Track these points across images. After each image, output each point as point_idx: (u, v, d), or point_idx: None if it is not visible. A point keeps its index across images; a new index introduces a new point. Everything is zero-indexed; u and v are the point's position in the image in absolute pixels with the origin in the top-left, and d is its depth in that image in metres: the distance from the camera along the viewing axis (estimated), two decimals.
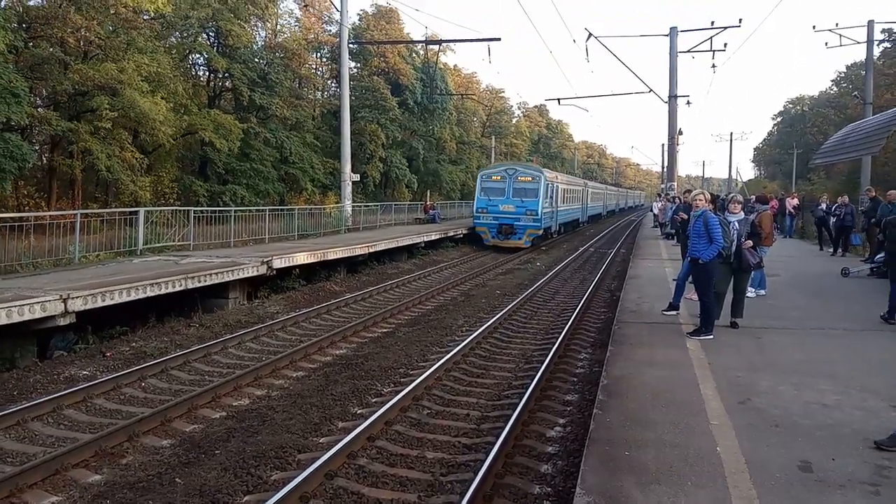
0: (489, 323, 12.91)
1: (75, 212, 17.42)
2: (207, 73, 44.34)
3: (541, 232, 30.52)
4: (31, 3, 31.21)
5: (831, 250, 20.93)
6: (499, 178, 30.64)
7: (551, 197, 32.67)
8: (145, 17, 34.42)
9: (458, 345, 11.17)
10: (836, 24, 28.72)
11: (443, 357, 10.30)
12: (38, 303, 9.85)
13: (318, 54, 55.98)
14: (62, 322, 10.22)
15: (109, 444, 6.95)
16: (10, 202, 29.09)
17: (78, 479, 6.29)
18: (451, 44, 53.58)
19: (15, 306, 9.51)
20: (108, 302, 11.03)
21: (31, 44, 29.64)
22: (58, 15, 29.09)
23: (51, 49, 30.07)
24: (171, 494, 5.95)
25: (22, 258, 13.78)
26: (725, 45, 29.93)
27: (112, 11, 31.14)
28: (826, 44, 29.30)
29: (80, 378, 9.47)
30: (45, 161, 34.45)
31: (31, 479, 6.08)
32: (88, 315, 10.86)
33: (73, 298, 10.33)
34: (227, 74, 41.64)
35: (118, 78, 28.92)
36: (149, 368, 9.72)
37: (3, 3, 29.30)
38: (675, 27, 28.95)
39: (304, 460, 6.67)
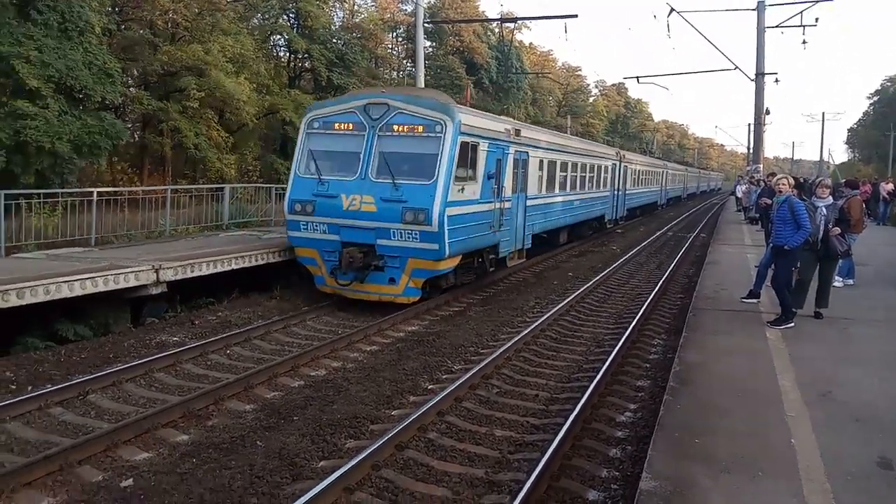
0: (561, 305, 12.88)
1: (166, 187, 18.37)
2: (288, 54, 45.36)
3: (451, 264, 12.42)
4: None
5: None
6: (348, 126, 12.58)
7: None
8: (229, 0, 35.47)
9: (528, 326, 11.22)
10: None
11: (513, 337, 10.38)
12: (133, 272, 10.49)
13: (394, 34, 56.30)
14: (154, 291, 10.85)
15: (196, 407, 7.39)
16: (105, 177, 30.73)
17: (167, 437, 6.74)
18: (527, 21, 52.98)
19: (111, 275, 10.16)
20: (197, 273, 11.64)
21: (123, 26, 31.13)
22: None
23: (141, 31, 31.49)
24: (253, 456, 6.30)
25: (117, 230, 14.68)
26: (817, 19, 28.02)
27: None
28: None
29: (170, 344, 10.04)
30: (137, 138, 36.17)
31: (125, 435, 6.55)
32: (178, 285, 11.47)
33: (164, 269, 10.94)
34: (306, 55, 42.47)
35: (204, 59, 30.02)
36: (233, 337, 10.22)
37: None
38: (763, 1, 27.57)
39: (377, 430, 6.92)
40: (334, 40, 44.75)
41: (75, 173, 22.25)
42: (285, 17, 42.40)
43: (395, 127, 11.94)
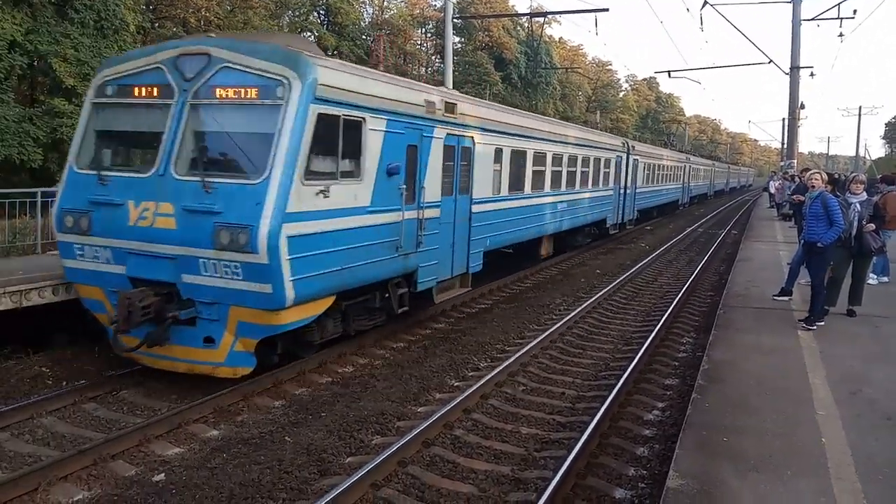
0: (588, 303, 12.81)
1: None
2: None
3: (304, 314, 7.92)
4: None
5: None
6: (150, 91, 8.04)
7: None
8: None
9: (555, 323, 11.19)
10: None
11: (540, 335, 10.37)
12: None
13: (423, 30, 56.39)
14: None
15: (226, 403, 7.52)
16: None
17: (198, 433, 6.87)
18: (557, 16, 52.45)
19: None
20: None
21: (157, 24, 31.71)
22: None
23: (174, 29, 32.03)
24: (281, 451, 6.40)
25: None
26: (855, 11, 27.28)
27: None
28: None
29: None
30: None
31: (158, 430, 6.71)
32: None
33: None
34: (336, 52, 42.82)
35: None
36: None
37: None
38: None
39: (403, 427, 6.98)
40: (364, 36, 45.00)
41: None
42: (315, 13, 42.75)
43: (218, 91, 7.58)
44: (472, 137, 11.67)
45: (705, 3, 26.56)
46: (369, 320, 9.65)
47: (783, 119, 48.68)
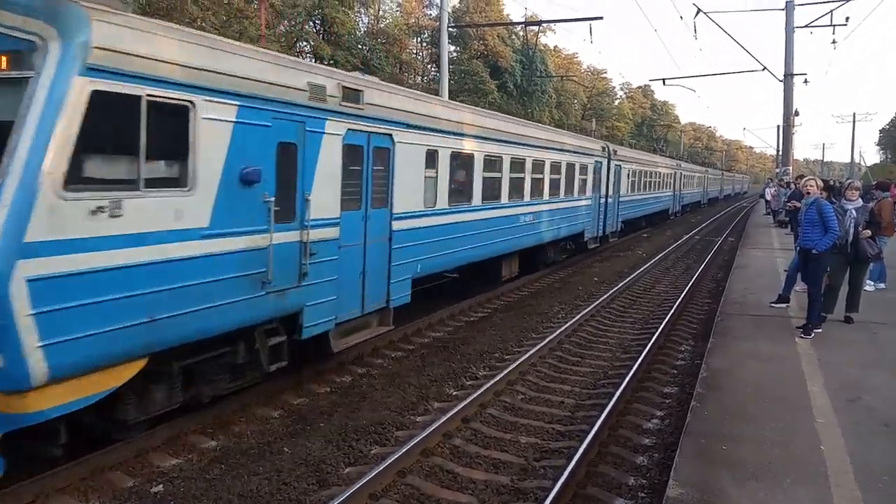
0: (586, 310, 12.82)
1: None
2: (313, 60, 45.92)
3: (69, 396, 5.28)
4: None
5: None
6: None
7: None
8: (256, 7, 36.03)
9: (553, 331, 11.19)
10: None
11: (538, 343, 10.36)
12: None
13: (419, 39, 56.64)
14: None
15: (224, 413, 7.49)
16: None
17: (196, 444, 6.84)
18: (552, 24, 52.84)
19: None
20: None
21: None
22: (176, 6, 31.03)
23: None
24: (280, 462, 6.38)
25: None
26: (847, 18, 27.55)
27: (225, 2, 32.88)
28: None
29: None
30: None
31: (155, 442, 6.67)
32: None
33: None
34: (332, 61, 42.96)
35: None
36: None
37: None
38: (792, 1, 27.22)
39: (402, 437, 6.96)
40: (359, 46, 45.16)
41: None
42: (311, 23, 42.91)
43: None
44: (391, 136, 9.33)
45: (699, 11, 26.76)
46: (231, 381, 7.34)
47: (778, 126, 48.87)
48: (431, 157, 10.60)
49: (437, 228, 10.84)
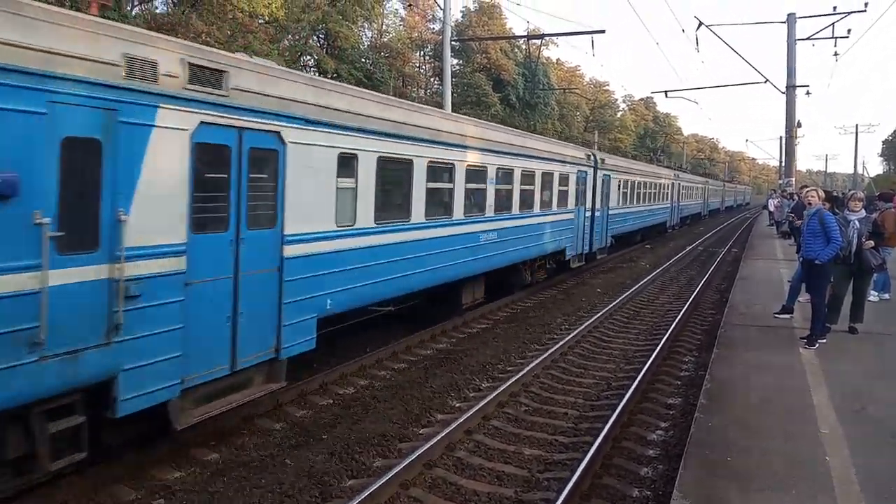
0: (589, 322, 12.79)
1: None
2: (317, 74, 46.23)
3: None
4: (158, 11, 33.78)
5: None
6: None
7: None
8: (260, 22, 36.34)
9: (556, 343, 11.16)
10: None
11: (541, 354, 10.34)
12: None
13: (422, 52, 56.97)
14: None
15: (226, 426, 7.47)
16: None
17: (198, 456, 6.82)
18: (554, 37, 52.98)
19: None
20: None
21: None
22: (181, 21, 31.32)
23: None
24: (282, 475, 6.35)
25: None
26: (849, 31, 27.53)
27: (230, 17, 33.15)
28: None
29: None
30: None
31: (156, 455, 6.64)
32: None
33: None
34: (335, 75, 43.23)
35: None
36: None
37: (134, 12, 31.92)
38: (794, 13, 27.33)
39: (405, 449, 6.93)
40: (363, 60, 45.46)
41: None
42: (315, 37, 43.27)
43: None
44: (279, 134, 7.15)
45: (700, 24, 26.85)
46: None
47: (780, 137, 48.84)
48: (348, 163, 8.47)
49: (357, 252, 8.71)
